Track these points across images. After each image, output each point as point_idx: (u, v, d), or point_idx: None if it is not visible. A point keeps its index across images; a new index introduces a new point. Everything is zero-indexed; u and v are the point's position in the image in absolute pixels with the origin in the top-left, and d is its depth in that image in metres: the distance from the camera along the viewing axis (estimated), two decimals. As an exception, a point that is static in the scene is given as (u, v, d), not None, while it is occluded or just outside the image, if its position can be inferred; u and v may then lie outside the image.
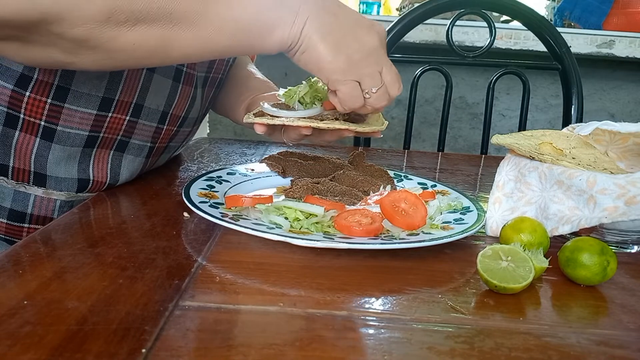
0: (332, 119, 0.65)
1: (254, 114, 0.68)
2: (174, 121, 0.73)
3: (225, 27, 0.54)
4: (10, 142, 0.62)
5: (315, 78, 0.69)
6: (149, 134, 0.71)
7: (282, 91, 0.70)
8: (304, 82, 0.69)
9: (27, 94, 0.60)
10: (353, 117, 0.69)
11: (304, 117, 0.65)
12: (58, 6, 0.46)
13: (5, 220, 0.66)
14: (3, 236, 0.67)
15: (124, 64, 0.55)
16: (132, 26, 0.50)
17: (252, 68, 0.91)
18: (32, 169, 0.64)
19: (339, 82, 0.59)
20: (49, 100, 0.61)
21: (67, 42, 0.49)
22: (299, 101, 0.67)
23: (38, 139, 0.63)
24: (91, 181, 0.67)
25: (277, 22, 0.55)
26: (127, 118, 0.66)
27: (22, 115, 0.61)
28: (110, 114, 0.64)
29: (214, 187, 0.67)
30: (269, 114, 0.67)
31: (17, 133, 0.62)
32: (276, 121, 0.65)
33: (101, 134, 0.65)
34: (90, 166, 0.67)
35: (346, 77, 0.58)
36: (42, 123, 0.62)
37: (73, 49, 0.50)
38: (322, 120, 0.65)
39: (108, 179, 0.69)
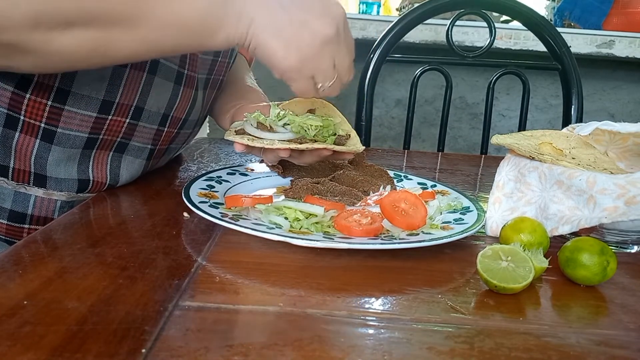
0: (311, 141, 0.65)
1: (235, 131, 0.68)
2: (175, 123, 0.73)
3: (166, 28, 0.53)
4: (11, 143, 0.62)
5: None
6: (150, 136, 0.71)
7: (272, 112, 0.69)
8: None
9: (28, 96, 0.60)
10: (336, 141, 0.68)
11: (284, 140, 0.65)
12: None
13: (5, 221, 0.66)
14: (3, 237, 0.67)
15: (63, 65, 0.54)
16: (64, 30, 0.49)
17: (246, 74, 0.90)
18: (32, 170, 0.64)
19: (292, 80, 0.58)
20: (49, 103, 0.61)
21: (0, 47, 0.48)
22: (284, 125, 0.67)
23: (38, 141, 0.63)
24: (91, 182, 0.67)
25: (220, 22, 0.54)
26: (127, 120, 0.66)
27: (22, 117, 0.61)
28: (110, 117, 0.64)
29: (214, 187, 0.67)
30: (249, 134, 0.66)
31: (17, 134, 0.62)
32: (256, 143, 0.64)
33: (101, 136, 0.65)
34: (90, 167, 0.67)
35: (300, 75, 0.58)
36: (42, 125, 0.62)
37: (6, 54, 0.50)
38: (301, 142, 0.64)
39: (108, 180, 0.69)
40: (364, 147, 0.67)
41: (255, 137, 0.65)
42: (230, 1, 0.55)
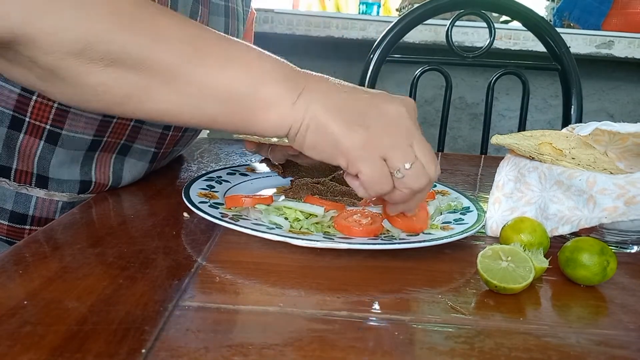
0: None
1: None
2: (180, 127, 0.73)
3: (208, 93, 0.48)
4: (15, 144, 0.62)
5: None
6: (154, 139, 0.71)
7: None
8: None
9: (34, 98, 0.60)
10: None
11: None
12: (30, 29, 0.43)
13: (6, 222, 0.66)
14: (4, 238, 0.67)
15: (95, 105, 0.50)
16: (105, 66, 0.46)
17: None
18: (35, 171, 0.64)
19: (359, 159, 0.49)
20: (56, 105, 0.61)
21: (39, 68, 0.46)
22: None
23: (42, 142, 0.62)
24: (93, 183, 0.67)
25: (275, 98, 0.49)
26: (132, 123, 0.66)
27: (27, 119, 0.61)
28: (115, 119, 0.64)
29: (213, 187, 0.67)
30: None
31: (21, 135, 0.62)
32: (267, 140, 0.63)
33: (105, 138, 0.65)
34: (93, 169, 0.67)
35: (368, 153, 0.49)
36: (47, 127, 0.62)
37: (45, 76, 0.47)
38: None
39: (110, 181, 0.69)
40: None
41: None
42: (289, 74, 0.50)
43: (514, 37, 1.74)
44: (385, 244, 0.53)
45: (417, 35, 1.71)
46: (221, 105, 0.49)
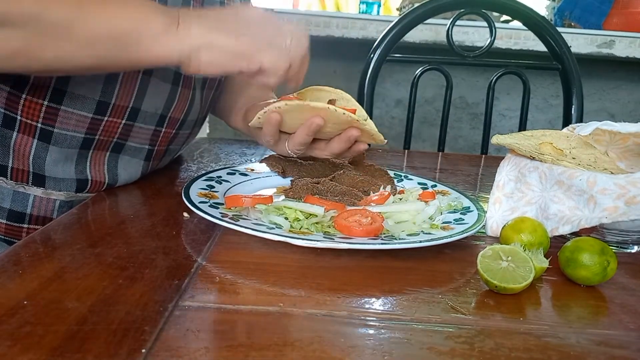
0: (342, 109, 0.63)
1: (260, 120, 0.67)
2: (173, 124, 0.73)
3: (95, 36, 0.52)
4: (9, 142, 0.62)
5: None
6: (147, 136, 0.70)
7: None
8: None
9: (24, 96, 0.61)
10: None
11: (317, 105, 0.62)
12: None
13: (4, 221, 0.66)
14: (2, 236, 0.67)
15: None
16: None
17: None
18: (31, 170, 0.64)
19: (256, 53, 0.56)
20: (46, 103, 0.61)
21: None
22: None
23: (35, 140, 0.63)
24: (90, 181, 0.67)
25: (158, 28, 0.53)
26: (123, 122, 0.66)
27: (19, 117, 0.61)
28: (106, 118, 0.64)
29: (213, 187, 0.67)
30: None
31: (15, 134, 0.62)
32: (293, 103, 0.62)
33: (97, 137, 0.65)
34: (88, 167, 0.67)
35: (259, 46, 0.56)
36: (39, 125, 0.62)
37: None
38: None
39: (106, 180, 0.69)
40: (386, 141, 0.67)
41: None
42: (165, 11, 0.55)
43: (515, 36, 1.74)
44: (385, 244, 0.53)
45: (418, 34, 1.71)
46: (108, 44, 0.53)
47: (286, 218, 0.58)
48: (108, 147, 0.68)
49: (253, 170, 0.77)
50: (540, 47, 1.28)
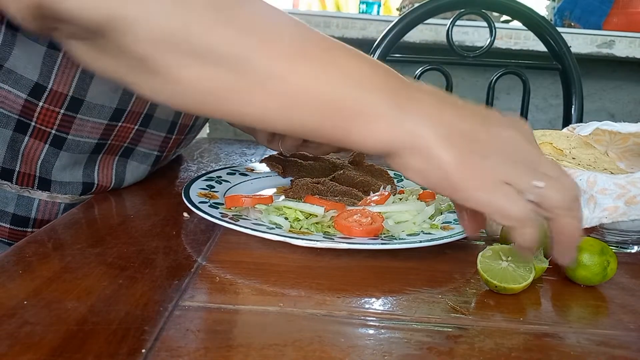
0: None
1: None
2: (182, 130, 0.73)
3: (301, 98, 0.42)
4: (19, 147, 0.61)
5: None
6: (157, 142, 0.71)
7: None
8: None
9: (41, 104, 0.59)
10: None
11: None
12: (126, 11, 0.39)
13: (8, 225, 0.65)
14: (6, 240, 0.66)
15: (182, 101, 0.45)
16: (198, 61, 0.41)
17: None
18: (37, 174, 0.63)
19: (476, 191, 0.41)
20: (62, 111, 0.60)
21: (129, 58, 0.42)
22: None
23: (47, 146, 0.62)
24: (96, 185, 0.67)
25: (375, 109, 0.42)
26: (136, 127, 0.66)
27: (33, 123, 0.61)
28: (120, 123, 0.64)
29: (213, 187, 0.67)
30: None
31: (26, 138, 0.61)
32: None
33: (109, 141, 0.65)
34: (95, 171, 0.67)
35: (485, 182, 0.41)
36: (53, 132, 0.61)
37: (134, 67, 0.43)
38: None
39: (113, 183, 0.69)
40: None
41: None
42: (393, 86, 0.43)
43: (515, 36, 1.74)
44: (385, 244, 0.53)
45: (418, 34, 1.71)
46: (312, 112, 0.43)
47: (286, 218, 0.58)
48: (118, 152, 0.68)
49: (253, 170, 0.77)
50: (540, 47, 1.28)
